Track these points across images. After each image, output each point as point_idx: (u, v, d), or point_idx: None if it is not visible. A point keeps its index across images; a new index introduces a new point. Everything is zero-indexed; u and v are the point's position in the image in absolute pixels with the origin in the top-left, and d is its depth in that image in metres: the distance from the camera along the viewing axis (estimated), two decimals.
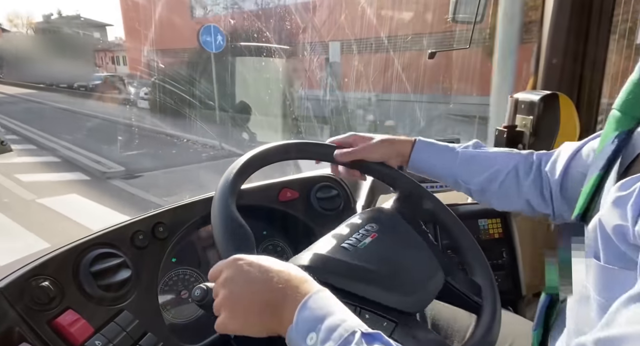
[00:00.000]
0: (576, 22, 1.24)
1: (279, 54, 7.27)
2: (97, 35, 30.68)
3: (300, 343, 0.43)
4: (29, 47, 28.56)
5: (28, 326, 0.59)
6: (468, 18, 1.21)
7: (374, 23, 8.44)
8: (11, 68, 27.92)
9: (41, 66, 22.89)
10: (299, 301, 0.44)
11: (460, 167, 0.75)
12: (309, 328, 0.43)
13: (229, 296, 0.49)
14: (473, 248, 0.72)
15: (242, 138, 7.18)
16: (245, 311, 0.48)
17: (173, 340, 0.75)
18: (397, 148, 0.77)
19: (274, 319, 0.46)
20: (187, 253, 0.86)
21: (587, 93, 1.31)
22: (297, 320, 0.43)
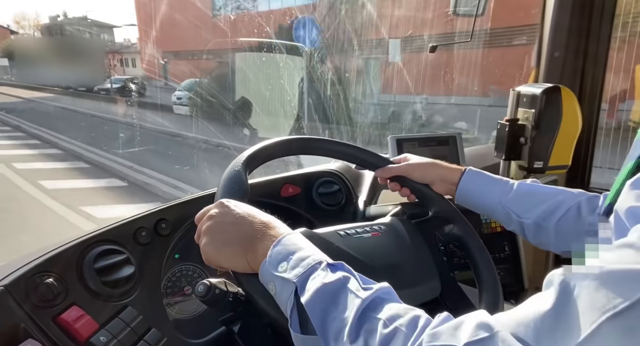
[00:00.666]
0: (578, 15, 1.23)
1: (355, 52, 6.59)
2: (105, 36, 30.45)
3: (272, 272, 0.48)
4: (39, 49, 27.95)
5: (33, 323, 0.59)
6: (469, 11, 1.20)
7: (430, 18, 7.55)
8: (23, 70, 27.09)
9: (53, 68, 22.20)
10: (275, 239, 0.50)
11: (515, 199, 0.72)
12: (281, 259, 0.48)
13: (212, 227, 0.54)
14: (490, 270, 0.70)
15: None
16: (224, 242, 0.53)
17: (177, 335, 0.75)
18: (443, 174, 0.76)
19: (249, 253, 0.51)
20: (190, 249, 0.87)
21: (589, 86, 1.30)
22: (271, 254, 0.49)
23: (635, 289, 0.28)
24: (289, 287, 0.46)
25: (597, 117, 1.36)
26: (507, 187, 0.73)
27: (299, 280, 0.45)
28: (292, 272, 0.46)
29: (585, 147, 1.37)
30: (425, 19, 7.77)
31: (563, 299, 0.32)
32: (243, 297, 0.70)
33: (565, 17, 1.24)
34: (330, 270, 0.46)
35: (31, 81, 24.49)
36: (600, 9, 1.23)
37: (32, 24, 33.33)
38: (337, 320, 0.42)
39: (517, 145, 1.17)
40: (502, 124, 1.18)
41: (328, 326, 0.42)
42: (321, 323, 0.43)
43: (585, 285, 0.30)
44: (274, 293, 0.48)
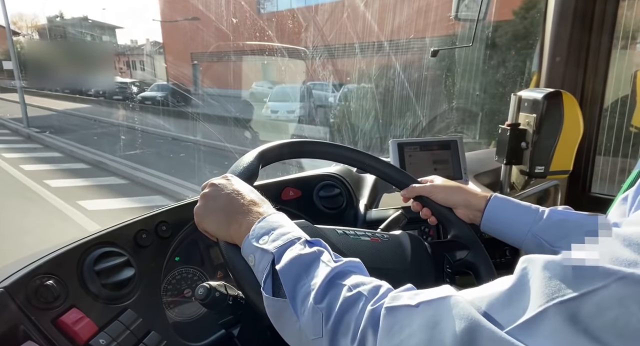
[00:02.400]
0: (580, 20, 1.23)
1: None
2: (107, 38, 29.27)
3: (253, 244, 0.51)
4: (48, 52, 26.15)
5: (33, 325, 0.59)
6: (471, 16, 1.21)
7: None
8: (33, 75, 24.57)
9: (68, 73, 20.01)
10: (261, 216, 0.54)
11: (547, 227, 0.69)
12: (263, 233, 0.52)
13: (209, 194, 0.60)
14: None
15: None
16: (214, 209, 0.58)
17: (176, 338, 0.75)
18: (468, 199, 0.75)
19: (234, 224, 0.55)
20: (191, 252, 0.87)
21: (591, 91, 1.30)
22: (255, 228, 0.53)
23: (583, 283, 0.30)
24: (268, 257, 0.49)
25: (599, 122, 1.36)
26: (538, 214, 0.70)
27: (277, 251, 0.49)
28: (272, 244, 0.50)
29: (586, 152, 1.37)
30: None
31: (520, 282, 0.34)
32: (243, 300, 0.69)
33: (567, 22, 1.24)
34: (307, 245, 0.50)
35: (44, 87, 22.41)
36: (601, 14, 1.23)
37: (30, 25, 31.27)
38: (306, 285, 0.46)
39: (518, 149, 1.17)
40: (504, 129, 1.18)
41: (297, 291, 0.46)
42: (292, 288, 0.46)
43: (541, 274, 0.33)
44: (253, 265, 0.52)
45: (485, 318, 0.34)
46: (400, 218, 0.85)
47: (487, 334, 0.33)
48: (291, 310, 0.46)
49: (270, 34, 10.55)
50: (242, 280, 0.54)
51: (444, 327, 0.36)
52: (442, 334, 0.36)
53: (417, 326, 0.37)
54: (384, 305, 0.40)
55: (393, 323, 0.39)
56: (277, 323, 0.49)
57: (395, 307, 0.40)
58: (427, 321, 0.37)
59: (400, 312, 0.39)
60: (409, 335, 0.37)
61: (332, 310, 0.43)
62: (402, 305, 0.39)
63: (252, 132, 8.31)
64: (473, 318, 0.34)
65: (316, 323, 0.43)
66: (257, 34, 9.56)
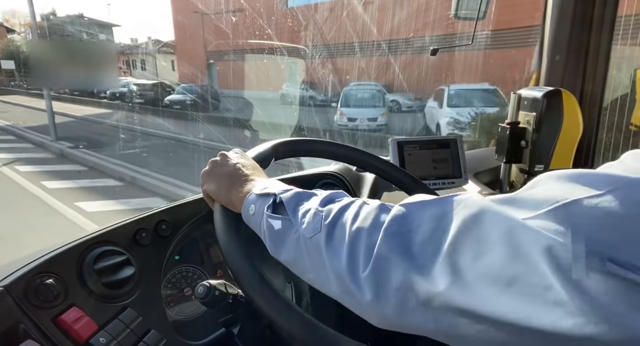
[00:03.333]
0: (579, 17, 1.23)
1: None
2: (103, 36, 28.30)
3: (256, 192, 0.56)
4: (52, 51, 22.89)
5: (33, 323, 0.59)
6: (470, 14, 1.21)
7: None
8: (39, 77, 21.61)
9: (74, 73, 17.67)
10: (261, 183, 0.58)
11: None
12: (264, 186, 0.56)
13: (217, 162, 0.64)
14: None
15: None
16: (221, 175, 0.62)
17: (176, 337, 0.75)
18: None
19: (236, 190, 0.59)
20: (190, 250, 0.87)
21: (591, 90, 1.30)
22: (256, 185, 0.57)
23: (594, 188, 0.31)
24: (270, 197, 0.54)
25: (599, 121, 1.36)
26: None
27: (280, 192, 0.54)
28: (275, 188, 0.55)
29: (586, 150, 1.37)
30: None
31: (532, 186, 0.35)
32: (243, 299, 0.69)
33: (567, 20, 1.24)
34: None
35: (48, 88, 22.00)
36: (601, 12, 1.23)
37: (24, 22, 29.16)
38: (306, 204, 0.50)
39: (518, 148, 1.17)
40: (503, 127, 1.18)
41: (298, 209, 0.50)
42: (294, 208, 0.51)
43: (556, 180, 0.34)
44: (253, 214, 0.55)
45: (497, 207, 0.35)
46: None
47: (494, 216, 0.34)
48: (291, 225, 0.49)
49: (301, 27, 9.89)
50: (234, 257, 0.55)
51: (453, 215, 0.37)
52: (448, 221, 0.37)
53: (427, 217, 0.39)
54: (399, 203, 0.42)
55: (406, 214, 0.40)
56: (275, 240, 0.51)
57: (411, 203, 0.42)
58: (437, 212, 0.38)
59: (414, 206, 0.41)
60: (418, 224, 0.39)
61: (332, 210, 0.46)
62: (418, 201, 0.41)
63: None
64: (484, 205, 0.35)
65: (315, 223, 0.46)
66: (293, 27, 8.82)
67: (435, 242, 0.36)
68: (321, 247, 0.45)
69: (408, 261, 0.37)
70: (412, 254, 0.37)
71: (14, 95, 21.89)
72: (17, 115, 14.82)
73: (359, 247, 0.41)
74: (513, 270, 0.31)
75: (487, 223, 0.34)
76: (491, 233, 0.33)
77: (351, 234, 0.42)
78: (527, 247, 0.31)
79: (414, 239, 0.38)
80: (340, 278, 0.43)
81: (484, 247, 0.33)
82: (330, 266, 0.44)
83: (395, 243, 0.39)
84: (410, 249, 0.38)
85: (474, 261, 0.33)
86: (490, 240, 0.33)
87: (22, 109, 16.81)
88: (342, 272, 0.42)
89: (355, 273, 0.41)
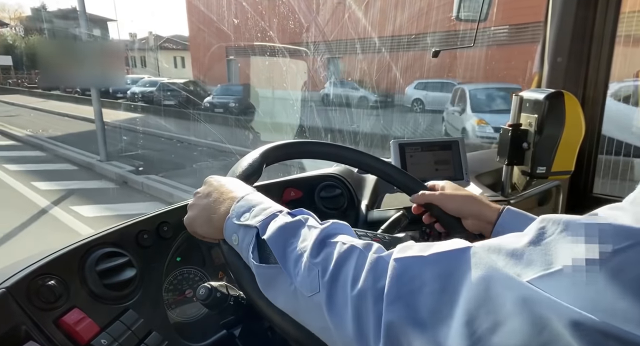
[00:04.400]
0: (581, 20, 1.23)
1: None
2: (97, 31, 28.09)
3: (235, 223, 0.51)
4: (49, 46, 21.57)
5: (34, 325, 0.59)
6: (472, 16, 1.20)
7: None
8: (44, 74, 20.45)
9: (80, 71, 14.61)
10: (238, 197, 0.54)
11: None
12: (243, 211, 0.51)
13: (193, 203, 0.60)
14: None
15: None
16: (199, 212, 0.58)
17: (178, 338, 0.75)
18: (481, 211, 0.72)
19: (216, 216, 0.54)
20: (192, 252, 0.87)
21: (592, 91, 1.30)
22: (234, 208, 0.52)
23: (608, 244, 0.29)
24: (252, 232, 0.49)
25: (600, 123, 1.36)
26: None
27: (261, 224, 0.49)
28: (254, 219, 0.50)
29: (588, 152, 1.36)
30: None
31: (539, 239, 0.33)
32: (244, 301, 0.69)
33: (568, 23, 1.24)
34: (290, 216, 0.50)
35: (54, 87, 18.97)
36: (603, 14, 1.23)
37: (14, 16, 26.78)
38: (297, 248, 0.45)
39: (519, 150, 1.17)
40: (505, 129, 1.18)
41: (289, 255, 0.45)
42: (282, 253, 0.46)
43: (562, 232, 0.32)
44: (237, 244, 0.51)
45: (503, 268, 0.33)
46: (402, 219, 0.85)
47: (505, 282, 0.32)
48: (284, 274, 0.45)
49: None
50: (242, 280, 0.54)
51: (459, 276, 0.35)
52: (455, 283, 0.34)
53: (429, 276, 0.36)
54: (393, 257, 0.39)
55: (402, 272, 0.38)
56: (270, 291, 0.48)
57: (406, 258, 0.39)
58: (440, 271, 0.36)
59: (411, 262, 0.38)
60: (420, 284, 0.36)
61: (329, 264, 0.42)
62: (413, 256, 0.38)
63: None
64: (491, 266, 0.33)
65: (312, 280, 0.43)
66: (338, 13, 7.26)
67: (446, 310, 0.34)
68: (323, 309, 0.42)
69: (421, 333, 0.35)
70: (424, 323, 0.35)
71: (14, 95, 19.60)
72: (30, 121, 12.42)
73: (366, 315, 0.39)
74: (536, 342, 0.29)
75: (499, 290, 0.32)
76: (505, 302, 0.31)
77: (354, 299, 0.40)
78: (546, 317, 0.29)
79: (420, 303, 0.36)
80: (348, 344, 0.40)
81: (500, 316, 0.31)
82: (337, 333, 0.41)
83: (402, 311, 0.36)
84: (419, 315, 0.36)
85: (492, 333, 0.31)
86: (506, 311, 0.31)
87: (32, 112, 14.56)
88: (352, 343, 0.40)
89: (367, 345, 0.39)
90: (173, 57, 25.57)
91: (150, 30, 37.98)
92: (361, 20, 9.62)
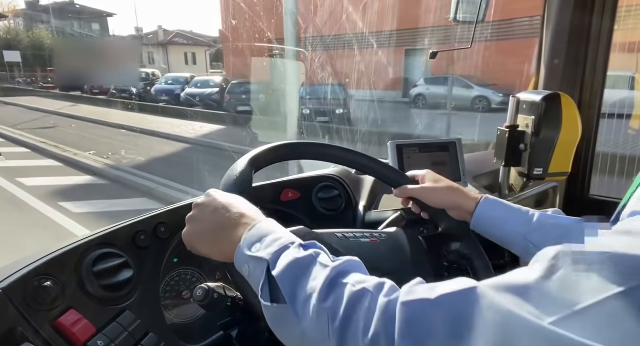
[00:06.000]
0: (578, 22, 1.24)
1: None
2: (97, 26, 24.77)
3: (246, 253, 0.49)
4: (62, 41, 19.79)
5: (30, 326, 0.59)
6: (469, 18, 1.21)
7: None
8: (64, 73, 17.72)
9: (97, 68, 14.09)
10: (249, 225, 0.52)
11: (536, 230, 0.69)
12: (254, 241, 0.50)
13: (194, 216, 0.59)
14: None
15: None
16: (204, 231, 0.57)
17: (175, 340, 0.75)
18: (458, 202, 0.75)
19: (225, 241, 0.54)
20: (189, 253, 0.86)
21: (589, 93, 1.30)
22: (246, 237, 0.51)
23: (629, 277, 0.28)
24: (262, 265, 0.48)
25: (597, 124, 1.36)
26: (527, 217, 0.71)
27: (272, 257, 0.47)
28: (265, 251, 0.48)
29: (585, 154, 1.37)
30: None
31: (550, 274, 0.32)
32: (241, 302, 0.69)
33: (566, 24, 1.24)
34: (302, 249, 0.48)
35: (72, 86, 16.18)
36: (600, 16, 1.23)
37: (8, 9, 24.04)
38: (306, 288, 0.44)
39: (517, 151, 1.17)
40: (502, 131, 1.18)
41: (298, 294, 0.44)
42: (291, 292, 0.44)
43: (575, 267, 0.31)
44: (248, 275, 0.50)
45: (519, 311, 0.31)
46: (399, 219, 0.85)
47: (525, 326, 0.30)
48: (292, 315, 0.44)
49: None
50: (246, 296, 0.54)
51: (471, 321, 0.33)
52: (467, 326, 0.33)
53: (439, 321, 0.35)
54: (400, 300, 0.38)
55: (411, 318, 0.37)
56: (278, 330, 0.47)
57: (413, 301, 0.38)
58: (449, 314, 0.35)
59: (418, 306, 0.37)
60: (429, 331, 0.35)
61: (339, 309, 0.41)
62: (420, 299, 0.37)
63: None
64: (505, 309, 0.32)
65: (322, 325, 0.41)
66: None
67: None
68: None
69: None
70: None
71: (30, 97, 16.30)
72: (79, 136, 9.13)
73: None
74: None
75: (520, 336, 0.31)
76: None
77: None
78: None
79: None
80: None
81: None
82: None
83: None
84: None
85: None
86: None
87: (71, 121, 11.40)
88: None
89: None
90: (184, 52, 24.76)
91: (159, 24, 36.23)
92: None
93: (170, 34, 24.30)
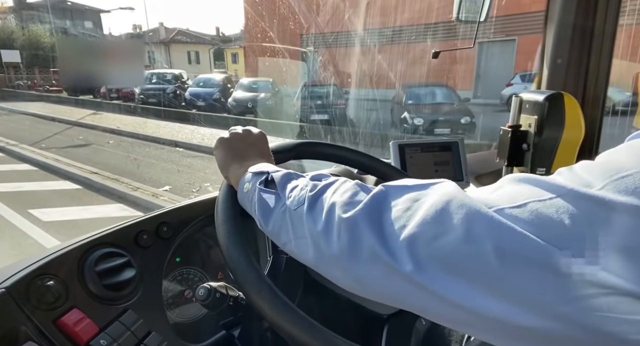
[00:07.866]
0: (581, 21, 1.23)
1: None
2: (89, 24, 23.48)
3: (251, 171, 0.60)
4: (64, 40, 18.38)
5: (34, 325, 0.59)
6: (472, 17, 1.21)
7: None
8: (68, 74, 15.99)
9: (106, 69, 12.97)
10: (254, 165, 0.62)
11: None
12: (261, 167, 0.60)
13: (231, 136, 0.70)
14: None
15: None
16: (230, 148, 0.68)
17: (177, 339, 0.75)
18: None
19: (235, 165, 0.64)
20: (192, 252, 0.87)
21: (592, 93, 1.30)
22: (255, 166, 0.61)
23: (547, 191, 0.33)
24: (263, 175, 0.58)
25: (600, 124, 1.36)
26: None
27: (272, 170, 0.58)
28: (268, 168, 0.59)
29: (588, 153, 1.36)
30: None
31: (498, 186, 0.38)
32: (244, 301, 0.69)
33: (569, 23, 1.24)
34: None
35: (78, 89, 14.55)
36: (603, 16, 1.23)
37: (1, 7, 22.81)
38: (294, 183, 0.53)
39: (519, 151, 1.17)
40: (505, 130, 1.18)
41: (286, 185, 0.53)
42: (283, 185, 0.54)
43: (518, 182, 0.36)
44: (247, 191, 0.58)
45: (467, 198, 0.36)
46: None
47: (458, 203, 0.35)
48: (279, 198, 0.53)
49: None
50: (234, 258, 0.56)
51: (425, 200, 0.38)
52: (418, 205, 0.38)
53: (402, 199, 0.40)
54: (384, 183, 0.44)
55: (384, 194, 0.42)
56: (264, 213, 0.54)
57: (392, 185, 0.43)
58: (412, 196, 0.40)
59: (394, 188, 0.43)
60: (393, 205, 0.40)
61: (317, 185, 0.49)
62: (400, 185, 0.43)
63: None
64: (453, 194, 0.37)
65: (300, 197, 0.49)
66: None
67: (403, 222, 0.38)
68: (303, 217, 0.48)
69: (377, 235, 0.39)
70: (382, 229, 0.40)
71: (37, 103, 14.33)
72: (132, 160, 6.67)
73: (337, 214, 0.44)
74: (462, 252, 0.33)
75: (453, 208, 0.36)
76: (453, 217, 0.35)
77: (331, 205, 0.45)
78: (480, 232, 0.33)
79: (385, 216, 0.40)
80: (316, 241, 0.45)
81: (442, 229, 0.35)
82: (309, 232, 0.47)
83: (370, 217, 0.41)
84: (381, 225, 0.40)
85: (430, 243, 0.35)
86: (450, 224, 0.35)
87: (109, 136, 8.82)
88: (318, 235, 0.45)
89: (329, 236, 0.44)
90: (186, 51, 24.08)
91: (161, 21, 34.77)
92: None
93: (172, 31, 23.53)
